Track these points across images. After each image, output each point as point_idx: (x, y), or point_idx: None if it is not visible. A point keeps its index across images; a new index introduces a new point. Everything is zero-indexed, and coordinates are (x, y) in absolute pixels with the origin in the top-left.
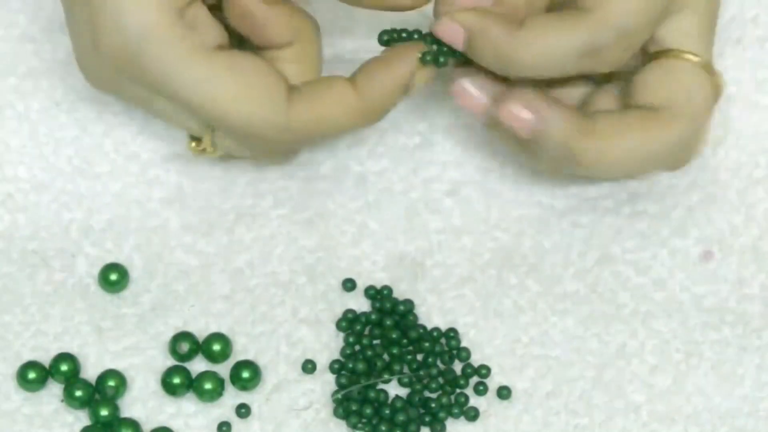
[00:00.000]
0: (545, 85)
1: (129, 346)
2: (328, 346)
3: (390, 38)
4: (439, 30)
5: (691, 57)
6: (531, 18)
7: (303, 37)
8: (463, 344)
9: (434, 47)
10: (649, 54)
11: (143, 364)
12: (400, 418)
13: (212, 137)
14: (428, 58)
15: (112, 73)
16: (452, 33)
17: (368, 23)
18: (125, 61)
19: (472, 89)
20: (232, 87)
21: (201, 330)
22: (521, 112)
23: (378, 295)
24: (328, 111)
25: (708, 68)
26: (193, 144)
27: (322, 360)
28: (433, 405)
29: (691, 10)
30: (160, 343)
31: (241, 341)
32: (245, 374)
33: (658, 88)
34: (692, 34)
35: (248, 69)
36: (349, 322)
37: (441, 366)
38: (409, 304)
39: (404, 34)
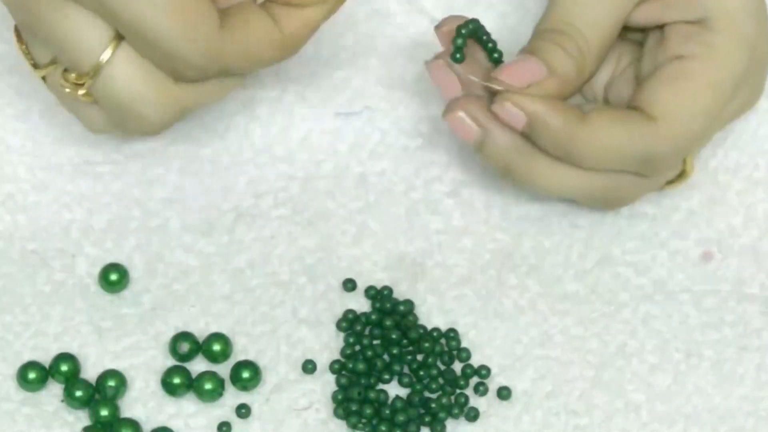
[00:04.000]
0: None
1: (129, 346)
2: (328, 346)
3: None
4: (499, 112)
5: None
6: (595, 114)
7: None
8: (463, 344)
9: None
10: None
11: (143, 364)
12: (400, 418)
13: (96, 76)
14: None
15: None
16: (513, 118)
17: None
18: None
19: (467, 121)
20: (162, 3)
21: (201, 330)
22: (467, 121)
23: (378, 295)
24: (253, 44)
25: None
26: (73, 75)
27: (322, 360)
28: (433, 405)
29: None
30: (160, 343)
31: (241, 341)
32: (245, 374)
33: (663, 98)
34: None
35: None
36: (349, 322)
37: (441, 366)
38: (409, 304)
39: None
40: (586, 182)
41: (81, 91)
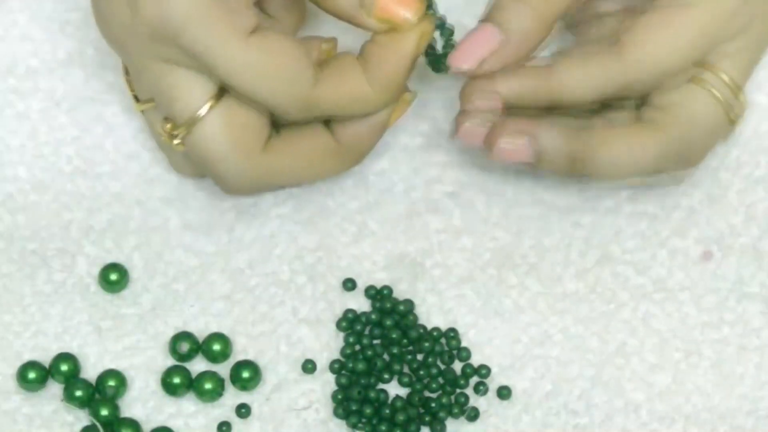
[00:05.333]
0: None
1: (129, 346)
2: (328, 346)
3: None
4: (472, 106)
5: (722, 75)
6: (560, 63)
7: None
8: (463, 344)
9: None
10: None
11: (143, 364)
12: (400, 418)
13: (190, 129)
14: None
15: (139, 36)
16: (489, 104)
17: None
18: (163, 34)
19: (474, 129)
20: (263, 68)
21: (201, 330)
22: (514, 140)
23: (378, 295)
24: (345, 97)
25: (735, 90)
26: (169, 126)
27: (322, 360)
28: (433, 405)
29: (742, 38)
30: (160, 343)
31: (241, 341)
32: (245, 374)
33: (667, 102)
34: (735, 58)
35: (279, 52)
36: (349, 322)
37: (441, 366)
38: (409, 304)
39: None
40: (654, 138)
41: (176, 141)
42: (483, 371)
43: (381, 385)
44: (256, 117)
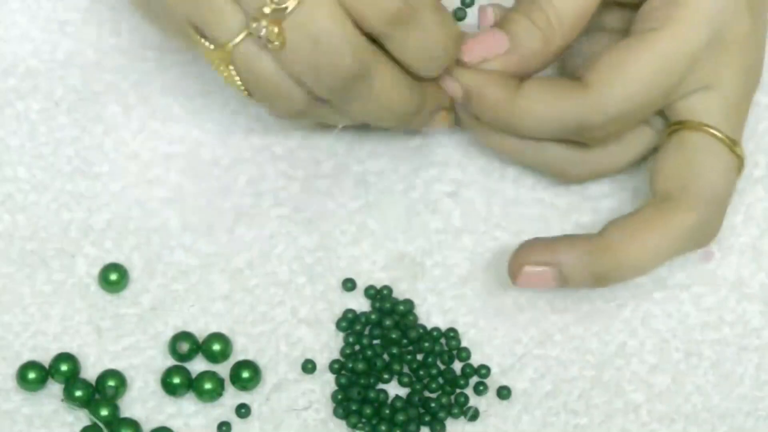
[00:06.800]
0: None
1: (129, 346)
2: (328, 346)
3: None
4: (443, 84)
5: (712, 131)
6: (528, 84)
7: None
8: (463, 344)
9: None
10: (670, 123)
11: (143, 364)
12: (400, 418)
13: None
14: None
15: None
16: (452, 89)
17: None
18: None
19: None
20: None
21: (201, 330)
22: (538, 270)
23: (378, 295)
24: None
25: (731, 144)
26: (219, 51)
27: (322, 360)
28: (433, 405)
29: (717, 90)
30: (160, 343)
31: (241, 341)
32: (245, 374)
33: (676, 172)
34: (716, 112)
35: None
36: (349, 322)
37: (441, 366)
38: (409, 304)
39: None
40: (672, 228)
41: (275, 41)
42: (483, 371)
43: (381, 385)
44: None
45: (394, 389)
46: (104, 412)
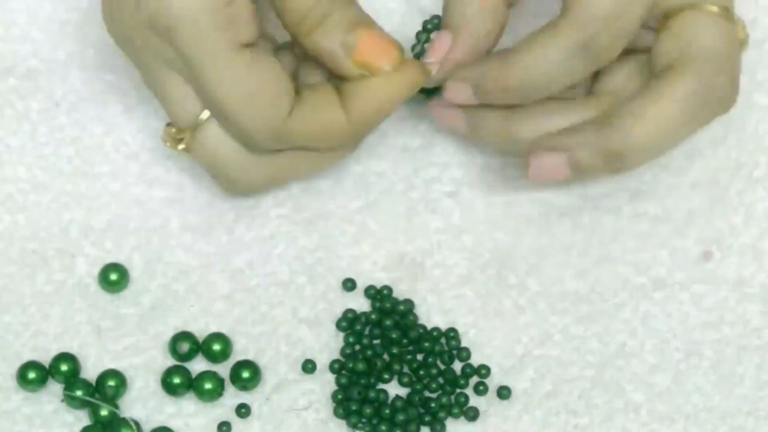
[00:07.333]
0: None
1: (129, 346)
2: (328, 346)
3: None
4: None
5: (707, 7)
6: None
7: None
8: (463, 344)
9: None
10: (665, 15)
11: (143, 364)
12: (400, 418)
13: (194, 134)
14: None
15: (142, 30)
16: (460, 91)
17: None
18: (158, 27)
19: (448, 111)
20: (243, 89)
21: (201, 330)
22: (551, 156)
23: (378, 294)
24: (319, 129)
25: (727, 16)
26: (173, 130)
27: (322, 360)
28: (433, 405)
29: None
30: (160, 343)
31: (241, 341)
32: (245, 374)
33: (673, 47)
34: None
35: (263, 74)
36: (349, 322)
37: (441, 366)
38: (409, 304)
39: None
40: (680, 85)
41: (180, 146)
42: (483, 371)
43: (381, 385)
44: None
45: (394, 389)
46: (104, 412)
